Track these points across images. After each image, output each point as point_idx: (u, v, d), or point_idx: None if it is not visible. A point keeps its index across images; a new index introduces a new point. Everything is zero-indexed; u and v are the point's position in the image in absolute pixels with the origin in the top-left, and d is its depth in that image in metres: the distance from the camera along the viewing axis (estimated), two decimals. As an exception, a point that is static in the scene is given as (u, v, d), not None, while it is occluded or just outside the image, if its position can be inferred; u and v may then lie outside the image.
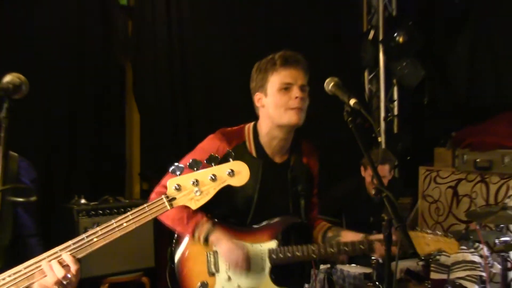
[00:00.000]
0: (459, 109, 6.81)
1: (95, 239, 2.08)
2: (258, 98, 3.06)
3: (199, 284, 2.96)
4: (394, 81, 7.11)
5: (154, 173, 5.56)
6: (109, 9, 5.56)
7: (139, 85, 5.73)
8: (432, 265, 4.57)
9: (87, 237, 2.09)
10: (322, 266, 4.39)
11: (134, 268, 5.02)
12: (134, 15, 5.75)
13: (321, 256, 3.03)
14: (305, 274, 3.81)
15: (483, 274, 4.46)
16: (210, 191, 2.23)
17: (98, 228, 2.12)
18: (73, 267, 2.05)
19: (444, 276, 4.49)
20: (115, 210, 4.96)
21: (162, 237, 4.96)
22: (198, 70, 5.89)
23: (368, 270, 4.29)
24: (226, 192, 2.66)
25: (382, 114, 7.08)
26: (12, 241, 2.38)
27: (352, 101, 2.44)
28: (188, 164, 2.24)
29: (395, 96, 7.17)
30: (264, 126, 3.10)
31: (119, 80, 5.69)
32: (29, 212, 2.49)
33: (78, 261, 2.08)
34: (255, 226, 3.05)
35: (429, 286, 4.43)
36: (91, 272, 4.71)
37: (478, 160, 5.95)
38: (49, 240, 2.51)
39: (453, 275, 4.48)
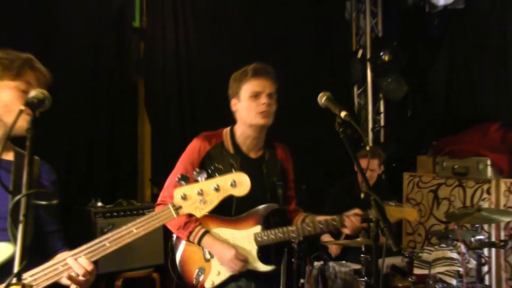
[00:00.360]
0: (438, 121, 6.85)
1: (107, 244, 2.19)
2: (234, 104, 3.27)
3: (197, 270, 3.15)
4: (381, 95, 7.17)
5: (163, 178, 5.59)
6: (123, 30, 5.56)
7: (150, 99, 5.76)
8: (415, 261, 4.52)
9: (100, 242, 2.18)
10: (316, 263, 4.47)
11: (146, 265, 5.01)
12: (145, 36, 5.76)
13: (299, 235, 3.17)
14: (283, 253, 3.79)
15: (460, 269, 4.48)
16: (214, 200, 2.24)
17: (110, 234, 2.18)
18: (89, 267, 2.16)
19: (425, 271, 4.48)
20: (128, 212, 4.97)
21: (171, 237, 5.15)
22: (203, 85, 5.91)
23: (357, 267, 4.36)
24: None
25: (370, 125, 7.14)
26: (34, 239, 2.37)
27: (343, 114, 2.49)
28: (194, 174, 2.27)
29: (382, 109, 7.23)
30: (239, 127, 3.30)
31: (132, 94, 5.70)
32: (50, 212, 2.48)
33: (93, 262, 2.17)
34: (240, 215, 3.17)
35: (412, 280, 4.47)
36: (108, 268, 4.71)
37: (456, 166, 6.00)
38: (69, 238, 2.61)
39: (434, 270, 4.47)
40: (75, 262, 2.17)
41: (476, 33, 6.50)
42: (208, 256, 3.16)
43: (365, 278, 4.26)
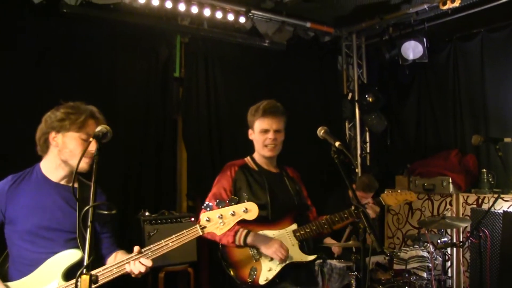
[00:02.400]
0: (410, 148, 6.88)
1: (150, 254, 2.32)
2: (250, 133, 3.24)
3: (250, 270, 2.92)
4: (366, 128, 7.12)
5: (196, 194, 5.66)
6: (166, 79, 5.61)
7: (187, 133, 5.77)
8: (394, 259, 4.61)
9: (144, 251, 2.31)
10: (316, 261, 4.33)
11: (182, 261, 4.95)
12: (184, 84, 5.78)
13: (330, 225, 3.03)
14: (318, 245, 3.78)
15: (430, 264, 4.59)
16: (230, 222, 2.39)
17: (152, 246, 2.30)
18: (149, 264, 2.28)
19: (403, 267, 4.55)
20: (169, 220, 4.89)
21: (202, 239, 5.05)
22: (228, 122, 5.91)
23: (350, 264, 4.31)
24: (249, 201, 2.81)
25: (359, 152, 7.08)
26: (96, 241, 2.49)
27: (337, 143, 2.51)
28: (215, 203, 2.38)
29: (367, 139, 7.19)
30: (256, 154, 3.25)
31: (173, 129, 5.71)
32: (106, 221, 2.57)
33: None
34: (276, 219, 3.02)
35: (392, 273, 4.52)
36: (154, 263, 4.75)
37: (425, 184, 6.03)
38: (124, 240, 2.64)
39: (409, 266, 4.56)
40: (136, 263, 2.27)
41: (437, 80, 6.60)
42: (257, 256, 2.94)
43: (355, 272, 4.24)
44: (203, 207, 2.38)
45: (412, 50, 6.00)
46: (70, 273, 2.33)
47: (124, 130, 5.10)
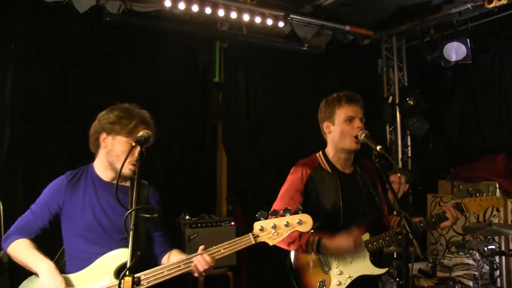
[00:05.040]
0: (453, 152, 6.74)
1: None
2: (326, 126, 2.96)
3: (319, 283, 2.80)
4: (408, 132, 7.05)
5: (235, 198, 5.73)
6: (206, 84, 5.64)
7: (227, 137, 5.79)
8: (438, 266, 4.50)
9: (196, 255, 2.36)
10: None
11: (222, 265, 4.90)
12: (223, 89, 5.83)
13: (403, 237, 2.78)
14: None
15: (476, 273, 4.42)
16: (283, 233, 2.34)
17: (205, 252, 2.33)
18: (212, 263, 2.33)
19: (447, 275, 4.42)
20: (209, 224, 4.90)
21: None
22: (267, 126, 5.90)
23: (391, 270, 4.15)
24: (319, 210, 2.86)
25: (400, 156, 7.01)
26: (146, 245, 2.54)
27: (378, 147, 2.47)
28: (281, 211, 2.34)
29: (409, 142, 7.10)
30: (330, 149, 2.98)
31: (213, 134, 5.74)
32: (155, 222, 2.61)
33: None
34: (347, 228, 2.81)
35: (435, 281, 4.41)
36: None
37: (470, 189, 5.82)
38: None
39: (454, 274, 4.43)
40: (202, 258, 2.32)
41: (482, 81, 6.45)
42: (326, 269, 2.83)
43: (397, 279, 4.16)
44: (256, 216, 2.36)
45: (455, 51, 5.89)
46: (122, 272, 2.38)
47: (164, 135, 5.06)
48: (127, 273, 1.79)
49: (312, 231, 2.65)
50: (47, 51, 4.65)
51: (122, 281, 1.78)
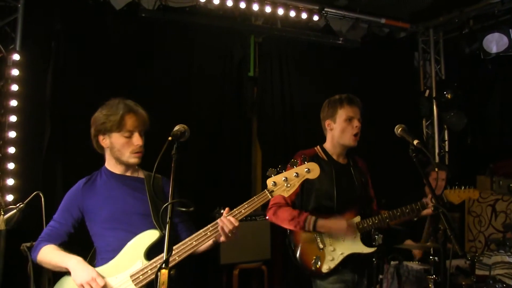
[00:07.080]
0: (493, 147, 6.57)
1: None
2: (328, 123, 3.27)
3: (314, 258, 3.06)
4: (445, 126, 6.94)
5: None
6: (241, 79, 5.66)
7: (261, 131, 5.79)
8: (476, 264, 4.41)
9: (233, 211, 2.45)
10: (392, 263, 4.30)
11: (256, 259, 5.00)
12: (258, 83, 5.82)
13: (391, 219, 3.13)
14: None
15: None
16: (295, 184, 2.45)
17: (228, 214, 2.43)
18: (236, 223, 2.39)
19: (486, 273, 4.34)
20: (244, 218, 4.80)
21: (276, 237, 5.03)
22: (302, 121, 5.86)
23: (427, 267, 4.14)
24: (315, 193, 3.15)
25: (437, 151, 6.89)
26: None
27: (415, 142, 2.48)
28: (289, 164, 2.55)
29: (446, 137, 6.98)
30: (329, 145, 3.29)
31: (248, 128, 5.76)
32: (183, 219, 2.64)
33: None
34: (341, 212, 3.11)
35: (474, 279, 4.29)
36: (228, 260, 4.81)
37: (511, 185, 5.64)
38: None
39: (494, 272, 4.34)
40: (226, 219, 2.38)
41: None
42: (321, 246, 3.08)
43: (434, 276, 4.02)
44: (267, 174, 2.48)
45: (496, 42, 5.71)
46: (152, 252, 2.43)
47: (199, 129, 5.19)
48: (163, 265, 1.81)
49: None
50: (86, 49, 4.74)
51: (159, 273, 1.80)
